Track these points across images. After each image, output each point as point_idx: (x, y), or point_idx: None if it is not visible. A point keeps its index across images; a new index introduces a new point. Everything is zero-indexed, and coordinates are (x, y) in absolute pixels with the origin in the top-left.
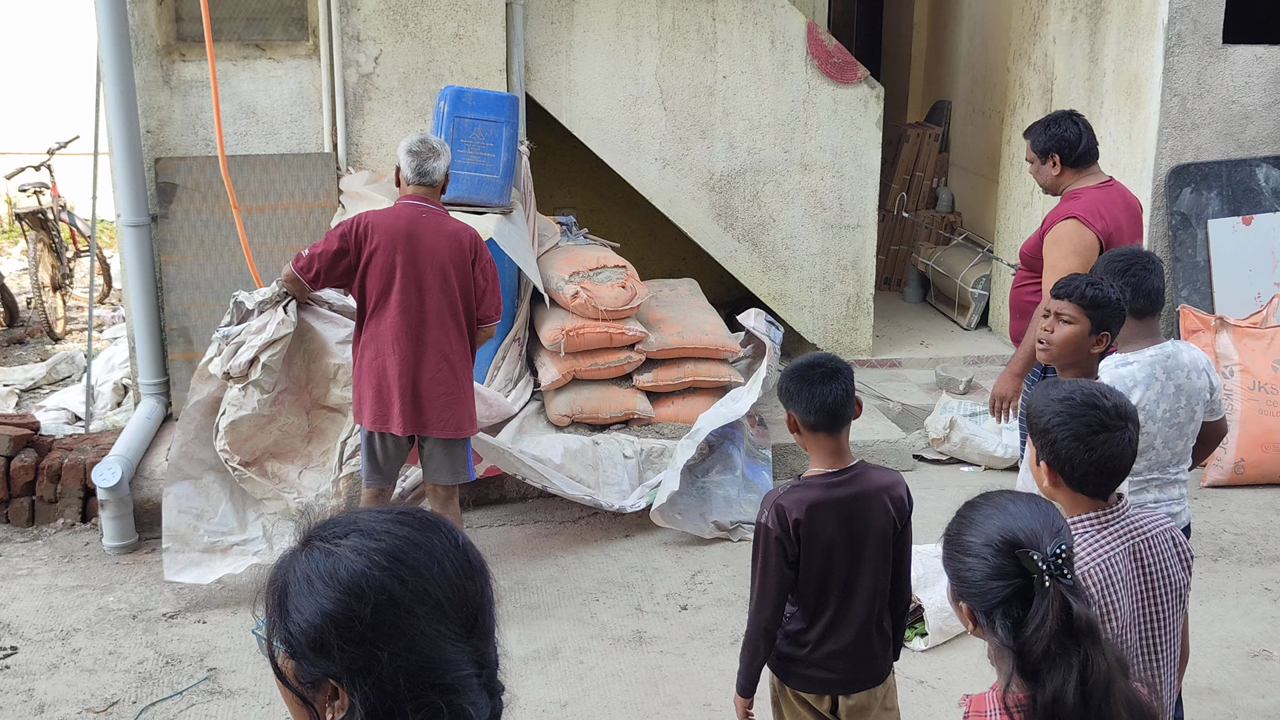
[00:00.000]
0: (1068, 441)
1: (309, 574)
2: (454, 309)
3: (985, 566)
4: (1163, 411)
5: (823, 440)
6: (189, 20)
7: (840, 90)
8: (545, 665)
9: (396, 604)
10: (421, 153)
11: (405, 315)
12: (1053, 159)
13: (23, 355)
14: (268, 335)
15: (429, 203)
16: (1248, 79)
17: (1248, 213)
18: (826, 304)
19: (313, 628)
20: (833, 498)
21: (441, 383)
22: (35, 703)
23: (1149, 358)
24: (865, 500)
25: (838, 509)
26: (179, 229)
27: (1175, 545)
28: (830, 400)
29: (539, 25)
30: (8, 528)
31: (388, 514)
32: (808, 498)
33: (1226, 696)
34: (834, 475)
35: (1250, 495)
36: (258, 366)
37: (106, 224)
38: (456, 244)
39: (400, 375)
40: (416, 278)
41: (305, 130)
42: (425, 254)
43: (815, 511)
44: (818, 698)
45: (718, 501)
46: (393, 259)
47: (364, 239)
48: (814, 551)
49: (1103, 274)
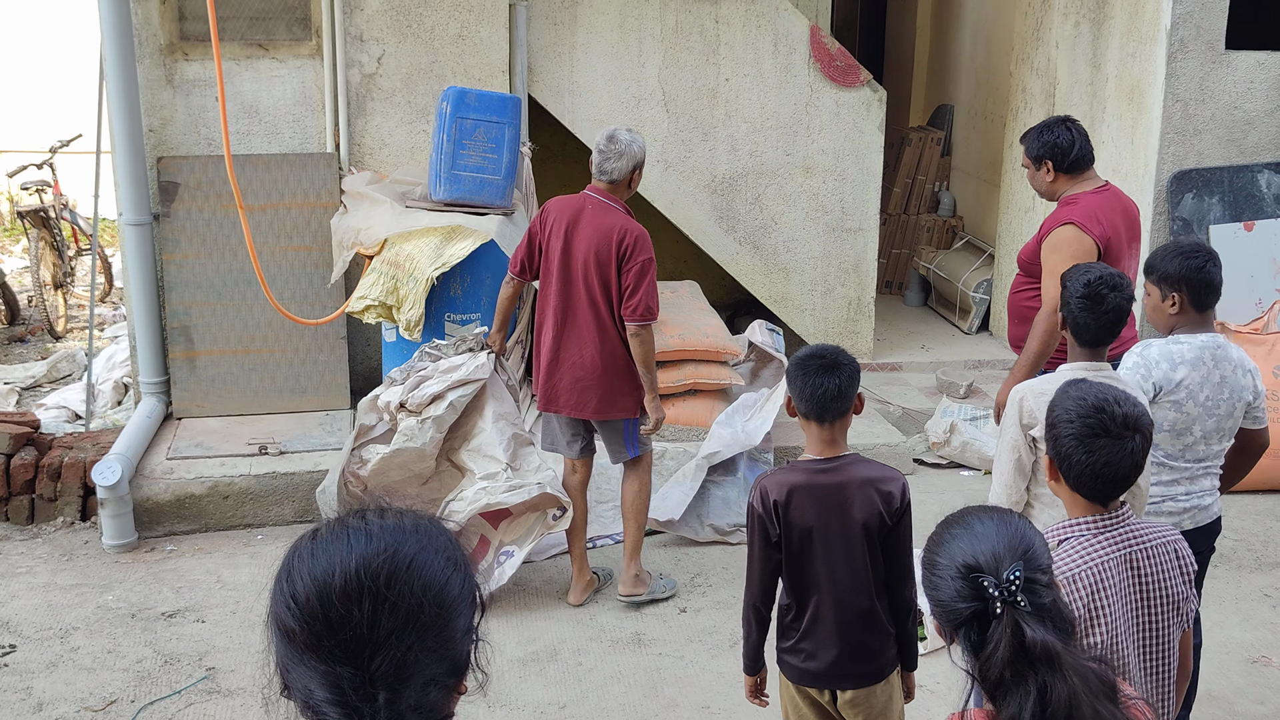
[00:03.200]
0: (1069, 440)
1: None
2: (594, 300)
3: (949, 588)
4: (1205, 397)
5: (814, 428)
6: (192, 19)
7: (843, 93)
8: (544, 666)
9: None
10: (605, 151)
11: (560, 299)
12: (1046, 165)
13: (24, 353)
14: (462, 375)
15: (603, 196)
16: (1250, 85)
17: (1249, 218)
18: (828, 307)
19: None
20: (814, 483)
21: (582, 367)
22: (34, 701)
23: (1200, 342)
24: (848, 490)
25: (818, 495)
26: (180, 228)
27: (1177, 558)
28: (822, 392)
29: (542, 27)
30: (7, 525)
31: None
32: (789, 480)
33: (1225, 703)
34: (820, 462)
35: (1250, 501)
36: (442, 403)
37: (108, 222)
38: (606, 240)
39: (559, 360)
40: (568, 265)
41: (308, 130)
42: (578, 243)
43: (795, 494)
44: (818, 691)
45: (716, 504)
46: (555, 244)
47: (543, 222)
48: (794, 535)
49: (1177, 268)
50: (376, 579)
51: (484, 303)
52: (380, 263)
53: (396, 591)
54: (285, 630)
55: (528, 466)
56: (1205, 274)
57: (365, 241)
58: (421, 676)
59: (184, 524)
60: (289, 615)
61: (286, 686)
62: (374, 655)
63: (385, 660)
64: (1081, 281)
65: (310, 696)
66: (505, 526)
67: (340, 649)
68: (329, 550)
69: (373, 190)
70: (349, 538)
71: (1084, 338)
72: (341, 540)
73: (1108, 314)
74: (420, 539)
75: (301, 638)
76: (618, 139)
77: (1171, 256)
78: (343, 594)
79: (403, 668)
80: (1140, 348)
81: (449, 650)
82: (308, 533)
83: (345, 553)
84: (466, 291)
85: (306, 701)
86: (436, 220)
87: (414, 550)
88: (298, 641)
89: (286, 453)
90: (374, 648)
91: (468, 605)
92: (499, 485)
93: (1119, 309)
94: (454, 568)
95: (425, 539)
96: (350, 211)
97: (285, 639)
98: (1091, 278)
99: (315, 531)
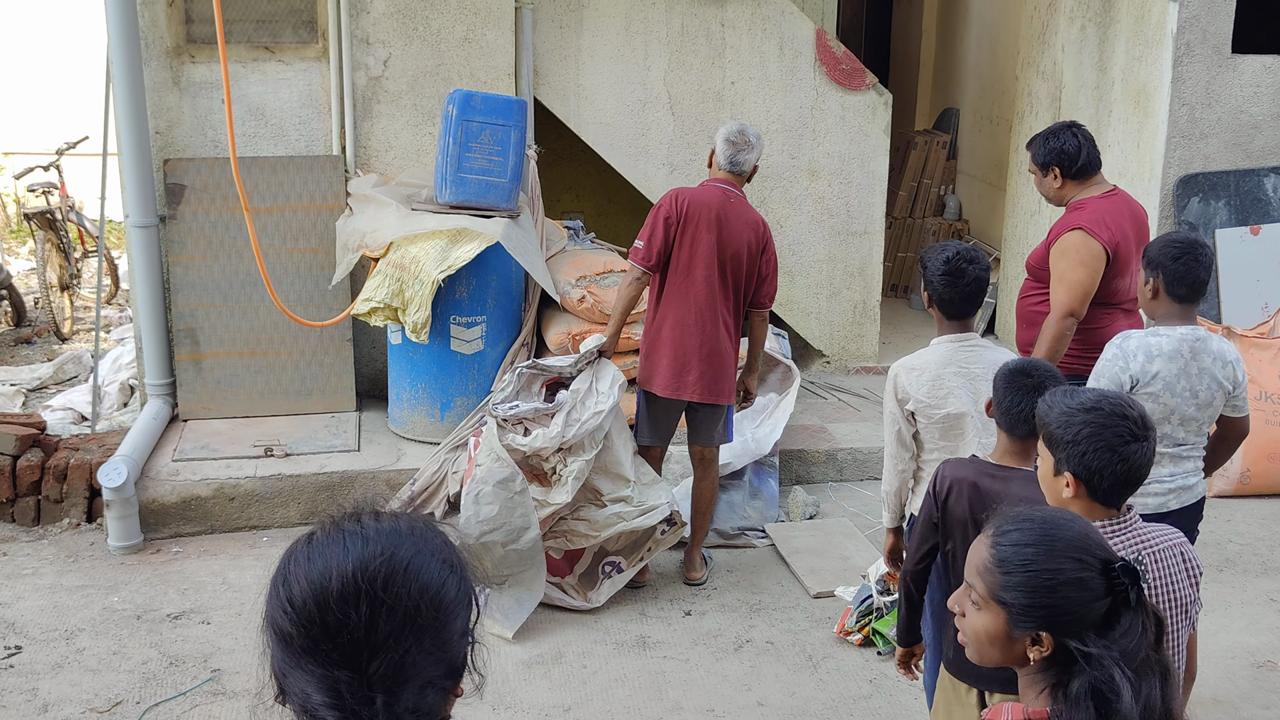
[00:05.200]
0: (1101, 453)
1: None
2: (737, 289)
3: (1081, 587)
4: (1182, 387)
5: (1004, 437)
6: (199, 22)
7: (848, 97)
8: (549, 669)
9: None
10: (738, 143)
11: (709, 289)
12: (1053, 172)
13: (30, 355)
14: (604, 405)
15: (735, 188)
16: (1256, 89)
17: (1255, 223)
18: (833, 310)
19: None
20: (979, 484)
21: (725, 354)
22: (39, 702)
23: (1179, 334)
24: (1006, 502)
25: (977, 496)
26: (187, 230)
27: (1184, 561)
28: (1018, 410)
29: (548, 30)
30: (13, 527)
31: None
32: (959, 474)
33: (1230, 707)
34: (994, 467)
35: (1256, 506)
36: (599, 434)
37: (115, 225)
38: (755, 232)
39: (701, 346)
40: (720, 256)
41: (314, 132)
42: (730, 235)
43: (957, 488)
44: (967, 688)
45: (721, 508)
46: (704, 235)
47: (684, 211)
48: (949, 526)
49: (1157, 253)
50: (374, 582)
51: (489, 305)
52: (386, 265)
53: (394, 594)
54: (282, 634)
55: (644, 480)
56: (1180, 264)
57: (371, 244)
58: (419, 679)
59: (189, 526)
60: (285, 619)
61: (282, 691)
62: (371, 658)
63: (383, 663)
64: (941, 259)
65: (307, 701)
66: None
67: (338, 652)
68: (325, 554)
69: (378, 193)
70: (345, 541)
71: (949, 311)
72: (338, 544)
73: (968, 286)
74: (416, 542)
75: (298, 642)
76: (746, 132)
77: (1159, 242)
78: (340, 597)
79: (400, 670)
80: (1120, 339)
81: (446, 653)
82: (302, 537)
83: (342, 556)
84: (472, 294)
85: (304, 706)
86: (442, 223)
87: (410, 553)
88: (295, 646)
89: (292, 455)
90: (371, 651)
91: (464, 607)
92: (632, 510)
93: (978, 280)
94: (450, 570)
95: (421, 542)
96: (356, 214)
97: (282, 643)
98: (950, 254)
99: (310, 535)
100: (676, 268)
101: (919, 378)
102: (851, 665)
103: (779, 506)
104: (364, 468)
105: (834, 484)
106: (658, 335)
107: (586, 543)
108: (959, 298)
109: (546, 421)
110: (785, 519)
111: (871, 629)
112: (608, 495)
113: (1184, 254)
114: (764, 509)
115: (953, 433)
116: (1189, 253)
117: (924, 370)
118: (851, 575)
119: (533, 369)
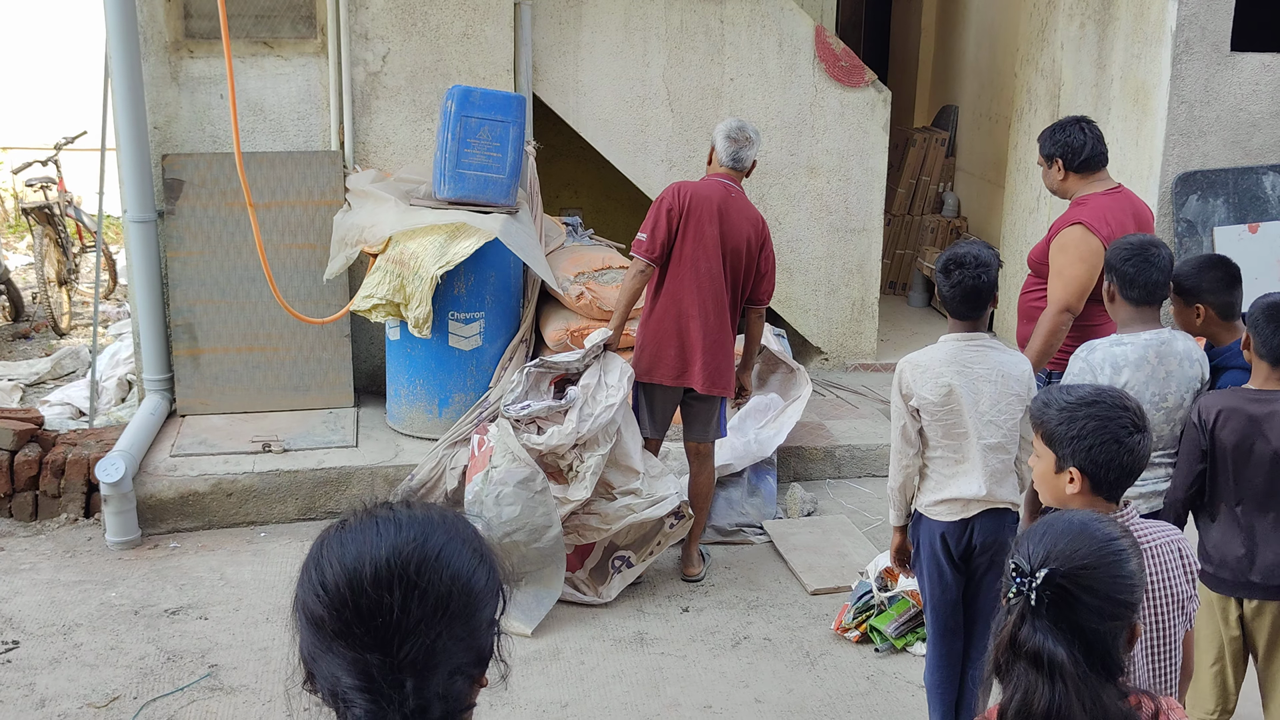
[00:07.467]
0: (1107, 445)
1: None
2: (736, 284)
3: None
4: (1150, 394)
5: (1263, 367)
6: (197, 17)
7: (847, 94)
8: (546, 665)
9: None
10: (738, 139)
11: (711, 281)
12: (1058, 164)
13: (28, 350)
14: (615, 399)
15: (735, 183)
16: (1255, 87)
17: (1254, 220)
18: (831, 307)
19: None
20: (1244, 409)
21: (727, 346)
22: (36, 697)
23: (1144, 341)
24: (1273, 420)
25: (1243, 419)
26: (185, 225)
27: (1180, 556)
28: (1277, 342)
29: (547, 26)
30: (11, 522)
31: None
32: (1224, 403)
33: None
34: (1255, 393)
35: None
36: (612, 427)
37: (113, 219)
38: (755, 228)
39: (703, 337)
40: (721, 249)
41: (312, 128)
42: (731, 229)
43: (1223, 415)
44: (1223, 600)
45: (719, 504)
46: (706, 228)
47: (686, 204)
48: (1218, 451)
49: (1110, 255)
50: (407, 567)
51: (488, 301)
52: (385, 261)
53: (426, 579)
54: (313, 618)
55: (652, 472)
56: (1129, 266)
57: (369, 239)
58: (448, 665)
59: (187, 521)
60: (317, 603)
61: (310, 676)
62: (403, 642)
63: (414, 647)
64: (940, 261)
65: (337, 684)
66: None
67: (369, 636)
68: (359, 539)
69: (377, 188)
70: (378, 527)
71: (948, 309)
72: (371, 529)
73: (956, 288)
74: (448, 530)
75: (330, 625)
76: (746, 129)
77: (1114, 244)
78: (374, 581)
79: (430, 655)
80: (1085, 351)
81: (475, 640)
82: (335, 523)
83: (375, 541)
84: (470, 290)
85: (333, 690)
86: (441, 218)
87: (442, 541)
88: (326, 629)
89: (290, 450)
90: (403, 635)
91: (492, 597)
92: (641, 502)
93: (961, 284)
94: (480, 560)
95: (452, 530)
96: (354, 209)
97: (313, 627)
98: (945, 257)
99: (343, 522)
100: (679, 260)
101: (923, 374)
102: (849, 662)
103: (777, 503)
104: (362, 463)
105: (832, 481)
106: (660, 326)
107: (598, 536)
108: (954, 298)
109: (560, 419)
110: (783, 516)
111: (869, 626)
112: (618, 488)
113: (1134, 255)
114: (762, 506)
115: (955, 431)
116: (1139, 254)
117: (928, 367)
118: (849, 572)
119: (540, 367)
